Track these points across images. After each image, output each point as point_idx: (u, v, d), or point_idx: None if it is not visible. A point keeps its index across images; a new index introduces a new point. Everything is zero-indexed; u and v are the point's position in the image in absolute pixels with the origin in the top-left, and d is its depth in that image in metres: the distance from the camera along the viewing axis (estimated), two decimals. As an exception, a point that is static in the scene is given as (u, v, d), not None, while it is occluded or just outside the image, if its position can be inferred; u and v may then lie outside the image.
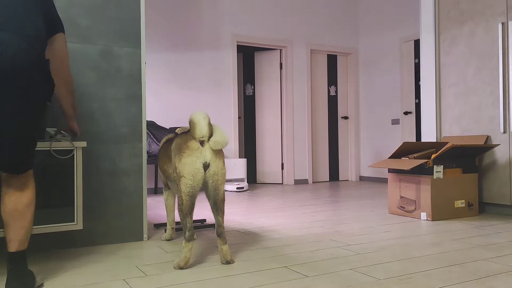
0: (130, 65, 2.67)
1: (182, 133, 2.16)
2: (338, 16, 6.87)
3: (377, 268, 2.04)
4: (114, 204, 2.60)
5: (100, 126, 2.58)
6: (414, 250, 2.38)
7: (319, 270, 2.01)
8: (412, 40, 6.10)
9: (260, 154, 6.62)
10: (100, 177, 2.57)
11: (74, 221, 2.22)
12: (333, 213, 3.66)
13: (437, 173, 3.27)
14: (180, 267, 2.05)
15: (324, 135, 6.85)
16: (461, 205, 3.40)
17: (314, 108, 6.76)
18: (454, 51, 3.82)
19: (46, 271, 2.05)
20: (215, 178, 2.08)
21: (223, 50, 5.97)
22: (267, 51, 6.60)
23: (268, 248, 2.45)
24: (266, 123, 6.59)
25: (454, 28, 3.81)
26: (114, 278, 1.93)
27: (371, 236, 2.73)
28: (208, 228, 3.06)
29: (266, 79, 6.60)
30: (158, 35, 5.53)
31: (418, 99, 6.04)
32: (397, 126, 6.33)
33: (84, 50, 2.55)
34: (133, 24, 2.68)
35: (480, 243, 2.52)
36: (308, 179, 6.59)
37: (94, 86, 2.57)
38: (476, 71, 3.65)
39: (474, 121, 3.66)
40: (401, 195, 3.50)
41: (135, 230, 2.66)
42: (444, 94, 3.90)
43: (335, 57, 6.96)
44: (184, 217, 2.05)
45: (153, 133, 5.05)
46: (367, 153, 6.88)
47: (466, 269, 2.01)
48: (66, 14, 2.50)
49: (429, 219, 3.27)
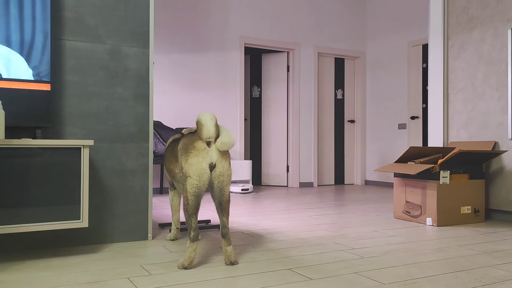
0: (138, 65, 2.68)
1: (189, 133, 2.17)
2: (346, 19, 6.86)
3: (381, 272, 2.03)
4: (119, 203, 2.61)
5: (107, 125, 2.59)
6: (419, 255, 2.36)
7: (323, 273, 2.01)
8: (420, 44, 6.08)
9: (265, 156, 6.62)
10: (106, 175, 2.58)
11: (80, 219, 2.23)
12: (338, 217, 3.64)
13: (444, 179, 3.26)
14: (184, 267, 2.06)
15: (330, 138, 6.84)
16: (467, 211, 3.38)
17: (320, 111, 6.75)
18: (463, 56, 3.80)
19: (51, 267, 2.06)
20: (221, 179, 2.08)
21: (230, 52, 5.98)
22: (274, 53, 6.60)
23: (273, 250, 2.44)
24: (272, 125, 6.59)
25: (463, 33, 3.80)
26: (119, 277, 1.94)
27: (376, 240, 2.72)
28: (212, 229, 3.06)
29: (273, 81, 6.60)
30: (167, 36, 5.55)
31: (426, 104, 6.01)
32: (404, 130, 6.31)
33: (93, 49, 2.56)
34: (142, 24, 2.69)
35: (486, 249, 2.50)
36: (313, 182, 6.57)
37: (102, 85, 2.58)
38: (484, 77, 3.63)
39: (481, 127, 3.64)
40: (406, 200, 3.48)
41: (140, 229, 2.67)
42: (452, 99, 3.88)
43: (343, 60, 6.95)
44: (190, 217, 2.05)
45: (160, 133, 5.07)
46: (373, 157, 6.85)
47: (472, 275, 1.99)
48: (76, 13, 2.52)
49: (434, 224, 3.25)
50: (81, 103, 2.53)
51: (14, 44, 2.27)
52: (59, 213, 2.18)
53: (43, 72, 2.34)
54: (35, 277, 1.93)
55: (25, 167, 2.11)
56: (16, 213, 2.09)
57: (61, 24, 2.48)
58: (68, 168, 2.21)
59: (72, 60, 2.51)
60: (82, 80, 2.53)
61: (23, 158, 2.11)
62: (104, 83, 2.59)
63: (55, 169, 2.18)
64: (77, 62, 2.52)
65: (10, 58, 2.26)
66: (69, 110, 2.50)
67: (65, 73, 2.49)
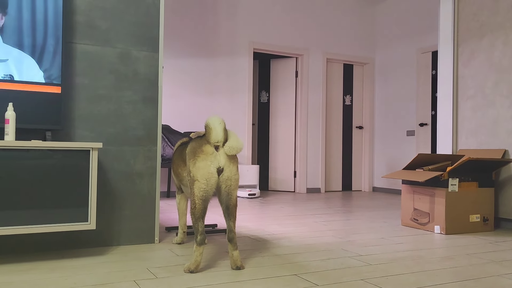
0: (147, 69, 2.70)
1: (197, 137, 2.17)
2: (355, 25, 6.86)
3: (389, 279, 2.02)
4: (127, 206, 2.62)
5: (116, 128, 2.61)
6: (427, 263, 2.34)
7: (329, 280, 1.99)
8: (430, 51, 6.06)
9: (273, 161, 6.62)
10: (114, 178, 2.59)
11: (88, 221, 2.24)
12: (345, 223, 3.63)
13: (452, 186, 3.23)
14: (190, 271, 2.06)
15: (338, 144, 6.82)
16: (476, 219, 3.35)
17: (328, 116, 6.74)
18: (473, 63, 3.78)
19: (59, 269, 2.07)
20: (228, 183, 2.09)
21: (239, 57, 6.00)
22: (283, 58, 6.61)
23: (279, 256, 2.44)
24: (280, 130, 6.59)
25: (473, 40, 3.78)
26: (125, 279, 1.94)
27: (383, 247, 2.70)
28: (219, 233, 3.06)
29: (281, 86, 6.61)
30: (176, 40, 5.59)
31: (434, 111, 5.98)
32: (412, 137, 6.27)
33: (103, 52, 2.59)
34: (152, 28, 2.72)
35: (494, 258, 2.47)
36: (320, 188, 6.55)
37: (111, 88, 2.60)
38: (494, 84, 3.61)
39: (491, 135, 3.61)
40: (414, 207, 3.46)
41: (147, 233, 2.67)
42: (461, 107, 3.85)
43: (351, 66, 6.94)
44: (196, 220, 2.05)
45: (168, 137, 5.09)
46: (381, 164, 6.82)
47: (481, 284, 1.97)
48: (87, 16, 2.54)
49: (442, 232, 3.22)
50: (91, 106, 2.55)
51: (26, 47, 2.29)
52: (67, 215, 2.20)
53: (54, 74, 2.36)
54: (42, 278, 1.94)
55: (34, 169, 2.12)
56: (24, 214, 2.10)
57: (72, 28, 2.50)
58: (77, 170, 2.22)
59: (82, 63, 2.53)
60: (92, 83, 2.56)
61: (32, 160, 2.12)
62: (113, 86, 2.61)
63: (64, 171, 2.19)
64: (87, 65, 2.54)
65: (22, 61, 2.29)
66: (79, 112, 2.52)
67: (76, 76, 2.52)
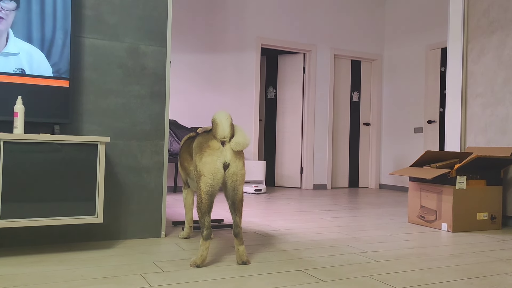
0: (155, 64, 2.71)
1: (204, 132, 2.18)
2: (363, 21, 6.82)
3: (394, 276, 2.01)
4: (134, 200, 2.64)
5: (124, 122, 2.62)
6: (433, 260, 2.34)
7: (335, 276, 1.99)
8: (439, 48, 6.01)
9: (279, 157, 6.61)
10: (122, 172, 2.60)
11: (95, 214, 2.25)
12: (351, 220, 3.62)
13: (460, 184, 3.21)
14: (196, 265, 2.07)
15: (345, 141, 6.80)
16: (483, 217, 3.33)
17: (336, 113, 6.72)
18: (483, 61, 3.75)
19: (66, 261, 2.09)
20: (234, 178, 2.09)
21: (247, 52, 5.99)
22: (290, 54, 6.59)
23: (285, 251, 2.44)
24: (287, 126, 6.58)
25: (483, 37, 3.74)
26: (132, 273, 1.96)
27: (389, 244, 2.69)
28: (225, 228, 3.07)
29: (289, 82, 6.59)
30: (184, 36, 5.59)
31: (443, 108, 5.94)
32: (420, 134, 6.24)
33: (111, 47, 2.59)
34: (160, 23, 2.72)
35: (502, 257, 2.46)
36: (327, 184, 6.54)
37: (119, 82, 2.61)
38: (504, 82, 3.57)
39: (500, 132, 3.58)
40: (421, 204, 3.44)
41: (153, 227, 2.69)
42: (470, 104, 3.82)
43: (359, 62, 6.91)
44: (203, 215, 2.06)
45: (175, 132, 5.10)
46: (388, 161, 6.79)
47: (487, 282, 1.96)
48: (95, 11, 2.55)
49: (449, 230, 3.21)
50: (99, 100, 2.56)
51: (35, 40, 2.31)
52: (74, 208, 2.21)
53: (63, 68, 2.37)
54: (50, 270, 1.96)
55: (42, 162, 2.14)
56: (32, 207, 2.12)
57: (81, 22, 2.51)
58: (85, 164, 2.24)
59: (90, 58, 2.54)
60: (100, 78, 2.57)
61: (41, 153, 2.14)
62: (121, 80, 2.62)
63: (72, 164, 2.21)
64: (95, 59, 2.55)
65: (32, 54, 2.30)
66: (87, 106, 2.53)
67: (84, 70, 2.53)
